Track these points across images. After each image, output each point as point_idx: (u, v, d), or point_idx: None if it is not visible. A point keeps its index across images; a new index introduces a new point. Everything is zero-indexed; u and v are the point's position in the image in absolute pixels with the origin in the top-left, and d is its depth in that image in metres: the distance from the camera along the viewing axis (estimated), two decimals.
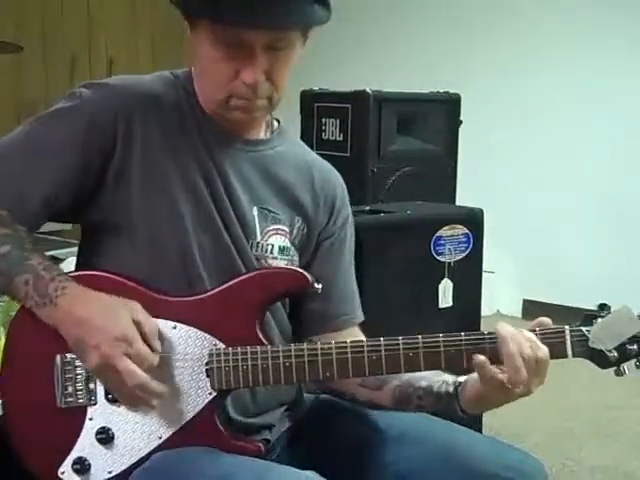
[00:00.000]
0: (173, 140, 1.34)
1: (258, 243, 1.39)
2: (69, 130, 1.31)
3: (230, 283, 1.31)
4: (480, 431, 2.30)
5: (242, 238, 1.37)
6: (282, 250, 1.41)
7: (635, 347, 1.21)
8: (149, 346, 1.22)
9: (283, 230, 1.41)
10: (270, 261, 1.39)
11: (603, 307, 1.23)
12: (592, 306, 1.25)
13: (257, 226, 1.39)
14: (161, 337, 1.27)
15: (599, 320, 1.22)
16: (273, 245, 1.40)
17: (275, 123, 1.48)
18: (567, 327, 1.23)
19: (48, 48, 4.20)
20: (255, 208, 1.39)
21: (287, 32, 1.28)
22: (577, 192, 4.42)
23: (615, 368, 1.23)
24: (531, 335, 1.22)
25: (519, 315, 4.63)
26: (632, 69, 4.19)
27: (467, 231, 2.47)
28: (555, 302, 4.39)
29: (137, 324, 1.22)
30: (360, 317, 1.50)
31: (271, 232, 1.40)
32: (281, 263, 1.40)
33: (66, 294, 1.23)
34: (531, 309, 4.56)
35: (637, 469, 2.77)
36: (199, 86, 1.37)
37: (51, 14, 4.17)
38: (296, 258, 1.43)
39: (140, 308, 1.25)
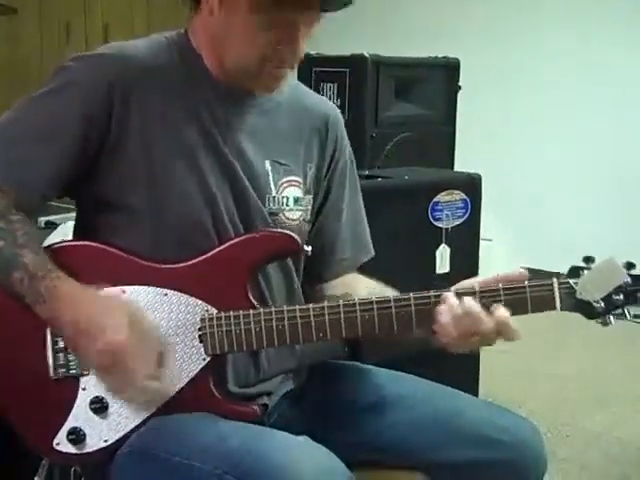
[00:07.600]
0: (177, 104, 1.32)
1: (274, 197, 1.39)
2: (65, 107, 1.28)
3: (219, 248, 1.31)
4: (476, 396, 2.32)
5: (251, 192, 1.36)
6: (296, 201, 1.41)
7: (621, 297, 1.22)
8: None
9: (296, 181, 1.41)
10: (287, 213, 1.39)
11: (588, 259, 1.23)
12: None
13: (271, 180, 1.39)
14: (152, 305, 1.27)
15: (585, 272, 1.23)
16: (288, 197, 1.40)
17: None
18: (555, 279, 1.23)
19: (44, 12, 4.16)
20: (267, 162, 1.39)
21: None
22: (576, 160, 4.41)
23: (602, 319, 1.24)
24: (472, 308, 1.22)
25: None
26: (633, 39, 4.15)
27: (465, 197, 2.47)
28: (552, 270, 4.39)
29: (133, 322, 1.21)
30: (362, 259, 1.52)
31: (285, 184, 1.40)
32: (297, 214, 1.40)
33: (57, 293, 1.22)
34: None
35: (630, 434, 2.80)
36: (215, 50, 1.33)
37: None
38: (309, 206, 1.44)
39: (135, 308, 1.24)
